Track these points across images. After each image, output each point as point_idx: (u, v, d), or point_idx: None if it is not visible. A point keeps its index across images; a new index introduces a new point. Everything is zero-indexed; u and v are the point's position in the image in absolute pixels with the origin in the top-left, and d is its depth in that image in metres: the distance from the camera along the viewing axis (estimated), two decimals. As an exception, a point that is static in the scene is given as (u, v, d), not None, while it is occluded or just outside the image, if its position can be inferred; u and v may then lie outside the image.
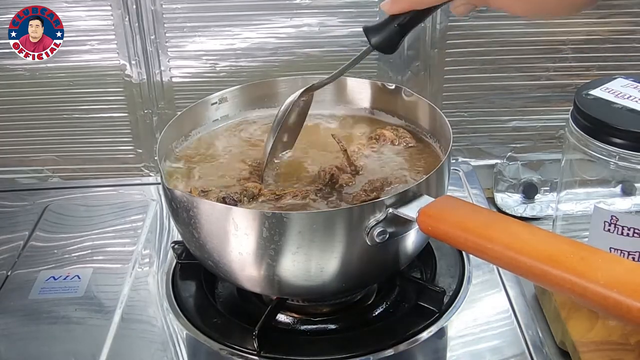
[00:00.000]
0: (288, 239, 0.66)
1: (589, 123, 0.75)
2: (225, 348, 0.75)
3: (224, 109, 0.90)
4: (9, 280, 0.88)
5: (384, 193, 0.74)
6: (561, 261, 0.52)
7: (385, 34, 0.64)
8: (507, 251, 0.56)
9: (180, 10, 1.01)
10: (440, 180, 0.73)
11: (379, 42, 0.65)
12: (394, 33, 0.64)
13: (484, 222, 0.60)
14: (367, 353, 0.73)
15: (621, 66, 1.02)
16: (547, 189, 1.07)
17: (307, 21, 1.02)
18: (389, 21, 0.64)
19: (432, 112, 0.84)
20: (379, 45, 0.65)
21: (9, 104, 1.08)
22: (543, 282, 0.54)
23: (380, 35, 0.65)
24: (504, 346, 0.75)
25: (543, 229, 0.58)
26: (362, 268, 0.70)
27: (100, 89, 1.07)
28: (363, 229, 0.66)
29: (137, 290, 0.85)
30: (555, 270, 0.52)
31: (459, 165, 1.08)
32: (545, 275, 0.53)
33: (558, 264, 0.52)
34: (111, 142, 1.11)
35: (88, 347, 0.77)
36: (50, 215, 1.01)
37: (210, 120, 0.89)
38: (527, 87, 1.06)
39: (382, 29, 0.64)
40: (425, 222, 0.63)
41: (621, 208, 0.83)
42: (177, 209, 0.71)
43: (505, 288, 0.82)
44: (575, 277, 0.50)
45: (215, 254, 0.71)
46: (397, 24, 0.63)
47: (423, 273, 0.86)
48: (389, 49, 0.65)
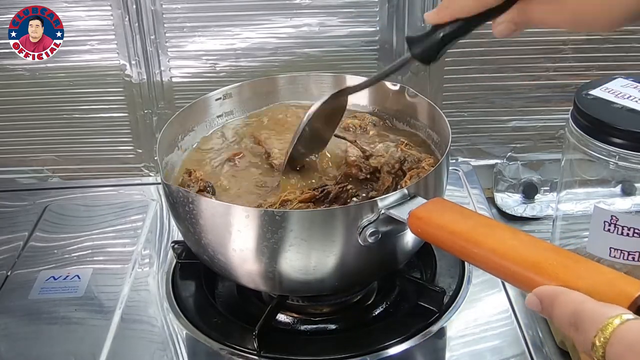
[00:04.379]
0: (281, 237, 0.66)
1: (589, 123, 0.75)
2: (225, 348, 0.75)
3: (228, 105, 0.90)
4: (9, 280, 0.88)
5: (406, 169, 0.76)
6: (544, 268, 0.53)
7: (426, 44, 0.64)
8: (492, 256, 0.57)
9: (180, 10, 1.01)
10: (439, 180, 0.73)
11: (419, 52, 0.65)
12: (435, 44, 0.64)
13: (472, 226, 0.61)
14: (367, 353, 0.73)
15: (621, 66, 1.02)
16: (547, 189, 1.07)
17: (307, 21, 1.02)
18: (432, 31, 0.64)
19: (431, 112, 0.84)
20: (419, 55, 0.65)
21: (9, 104, 1.08)
22: (526, 289, 0.54)
23: (422, 46, 0.65)
24: (504, 346, 0.75)
25: (530, 235, 0.58)
26: (356, 267, 0.71)
27: (100, 89, 1.07)
28: (356, 229, 0.66)
29: (137, 290, 0.85)
30: (538, 277, 0.52)
31: (459, 165, 1.08)
32: (527, 282, 0.53)
33: (541, 271, 0.53)
34: (111, 142, 1.11)
35: (88, 347, 0.77)
36: (50, 215, 1.01)
37: (214, 115, 0.89)
38: (527, 87, 1.06)
39: (424, 39, 0.64)
40: (415, 224, 0.64)
41: (621, 208, 0.83)
42: (174, 204, 0.71)
43: (505, 288, 0.82)
44: (557, 284, 0.50)
45: (210, 249, 0.71)
46: (439, 35, 0.63)
47: (423, 273, 0.86)
48: (428, 59, 0.65)
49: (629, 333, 0.43)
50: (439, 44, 0.63)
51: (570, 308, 0.47)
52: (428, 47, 0.64)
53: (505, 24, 0.60)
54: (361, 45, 1.04)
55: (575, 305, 0.47)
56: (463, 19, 0.61)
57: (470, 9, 0.60)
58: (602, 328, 0.44)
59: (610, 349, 0.43)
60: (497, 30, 0.61)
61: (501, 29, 0.61)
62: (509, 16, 0.60)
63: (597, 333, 0.44)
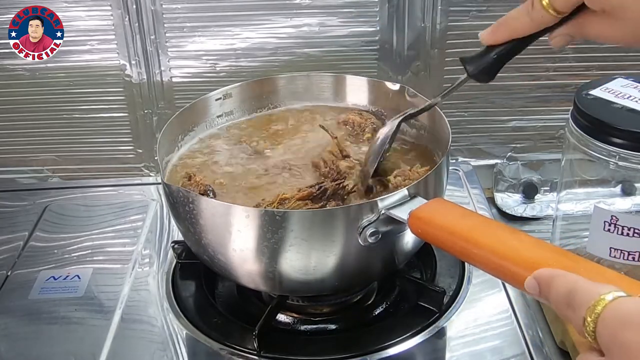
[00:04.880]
0: (281, 237, 0.66)
1: (589, 123, 0.75)
2: (225, 348, 0.75)
3: (228, 105, 0.90)
4: (9, 280, 0.88)
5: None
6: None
7: (482, 64, 0.65)
8: (491, 256, 0.57)
9: (180, 10, 1.01)
10: (439, 180, 0.73)
11: (476, 72, 0.66)
12: (492, 63, 0.65)
13: (472, 226, 0.61)
14: (367, 353, 0.73)
15: (621, 66, 1.02)
16: (547, 189, 1.07)
17: (307, 21, 1.02)
18: (487, 51, 0.65)
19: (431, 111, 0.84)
20: (476, 75, 0.66)
21: (9, 104, 1.08)
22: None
23: (478, 65, 0.66)
24: (504, 346, 0.75)
25: (530, 235, 0.58)
26: (356, 267, 0.71)
27: (100, 89, 1.07)
28: (356, 229, 0.66)
29: (137, 290, 0.85)
30: None
31: (459, 165, 1.08)
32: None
33: None
34: (111, 142, 1.11)
35: (88, 347, 0.77)
36: (50, 215, 1.01)
37: (214, 115, 0.89)
38: (527, 87, 1.06)
39: (479, 59, 0.65)
40: (415, 224, 0.64)
41: (621, 208, 0.83)
42: (174, 204, 0.71)
43: (505, 288, 0.82)
44: None
45: (210, 249, 0.71)
46: (495, 54, 0.64)
47: (423, 273, 0.86)
48: (486, 78, 0.66)
49: (621, 309, 0.43)
50: (496, 63, 0.64)
51: (567, 287, 0.47)
52: (485, 67, 0.65)
53: (562, 36, 0.61)
54: (361, 45, 1.04)
55: (571, 284, 0.47)
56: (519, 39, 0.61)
57: (526, 28, 0.61)
58: (594, 304, 0.44)
59: (602, 323, 0.43)
60: (554, 42, 0.61)
61: (558, 41, 0.61)
62: (566, 30, 0.60)
63: (588, 309, 0.44)
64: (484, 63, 0.65)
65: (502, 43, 0.63)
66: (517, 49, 0.63)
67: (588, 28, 0.59)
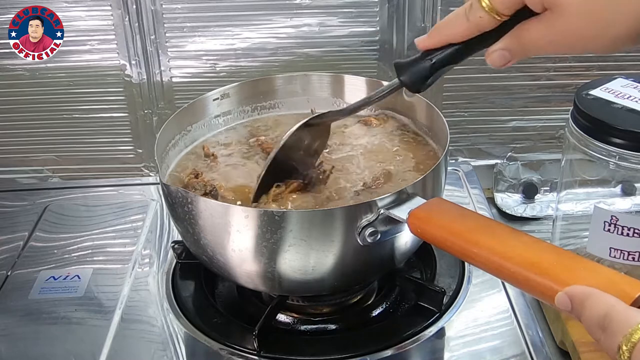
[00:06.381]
0: (280, 237, 0.66)
1: (589, 123, 0.75)
2: (225, 348, 0.75)
3: (226, 105, 0.90)
4: (9, 280, 0.88)
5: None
6: (544, 268, 0.52)
7: (415, 70, 0.61)
8: (491, 256, 0.56)
9: (180, 10, 1.01)
10: (437, 180, 0.73)
11: (407, 79, 0.62)
12: (425, 70, 0.60)
13: (471, 226, 0.61)
14: (367, 353, 0.73)
15: (621, 66, 1.02)
16: (547, 189, 1.07)
17: (307, 21, 1.02)
18: (422, 57, 0.60)
19: (429, 111, 0.84)
20: (408, 82, 0.62)
21: (9, 104, 1.08)
22: (526, 289, 0.54)
23: (411, 71, 0.61)
24: (504, 346, 0.75)
25: (530, 235, 0.58)
26: (355, 267, 0.71)
27: (100, 89, 1.07)
28: (355, 229, 0.66)
29: (137, 290, 0.85)
30: (538, 278, 0.52)
31: (459, 165, 1.08)
32: (527, 282, 0.53)
33: (541, 271, 0.52)
34: (111, 142, 1.11)
35: (88, 347, 0.77)
36: (50, 215, 1.01)
37: (212, 115, 0.89)
38: (527, 87, 1.06)
39: (413, 65, 0.61)
40: (414, 224, 0.64)
41: (621, 208, 0.83)
42: (173, 204, 0.71)
43: (505, 288, 0.82)
44: (557, 285, 0.50)
45: (209, 249, 0.71)
46: (430, 60, 0.60)
47: (423, 273, 0.86)
48: (418, 86, 0.62)
49: None
50: (429, 70, 0.60)
51: (602, 310, 0.46)
52: (417, 74, 0.61)
53: (499, 51, 0.57)
54: (361, 45, 1.04)
55: (607, 307, 0.46)
56: (455, 44, 0.58)
57: (463, 33, 0.57)
58: (630, 332, 0.43)
59: (637, 354, 0.42)
60: (491, 59, 0.57)
61: (494, 57, 0.57)
62: (503, 43, 0.56)
63: (624, 337, 0.43)
64: (418, 70, 0.60)
65: (439, 49, 0.59)
66: (453, 58, 0.59)
67: (527, 36, 0.55)
